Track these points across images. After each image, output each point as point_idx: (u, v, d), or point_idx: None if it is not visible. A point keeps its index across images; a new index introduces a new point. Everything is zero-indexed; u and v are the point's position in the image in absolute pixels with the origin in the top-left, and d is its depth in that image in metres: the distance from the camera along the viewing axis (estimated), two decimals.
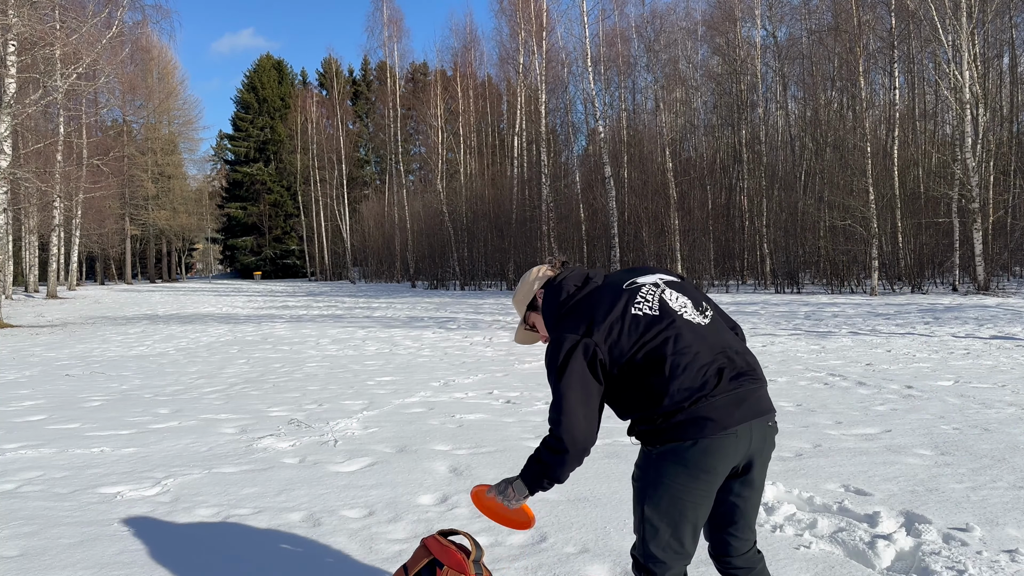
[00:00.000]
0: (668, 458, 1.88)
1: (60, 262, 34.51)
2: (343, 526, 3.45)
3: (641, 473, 1.97)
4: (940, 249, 22.26)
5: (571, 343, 1.91)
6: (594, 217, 27.72)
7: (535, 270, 2.26)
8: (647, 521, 1.94)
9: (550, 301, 2.10)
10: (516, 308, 2.30)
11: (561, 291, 2.08)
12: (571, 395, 1.90)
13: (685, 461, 1.85)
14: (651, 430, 1.90)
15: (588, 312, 1.96)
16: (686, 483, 1.87)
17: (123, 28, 21.44)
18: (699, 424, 1.83)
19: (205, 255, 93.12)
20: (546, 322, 2.11)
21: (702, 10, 34.09)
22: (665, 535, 1.93)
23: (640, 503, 1.97)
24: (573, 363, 1.89)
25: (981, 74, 21.29)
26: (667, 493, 1.89)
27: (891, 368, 7.84)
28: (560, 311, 2.04)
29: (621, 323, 1.91)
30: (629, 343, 1.90)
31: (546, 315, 2.11)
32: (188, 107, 58.72)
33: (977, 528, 3.24)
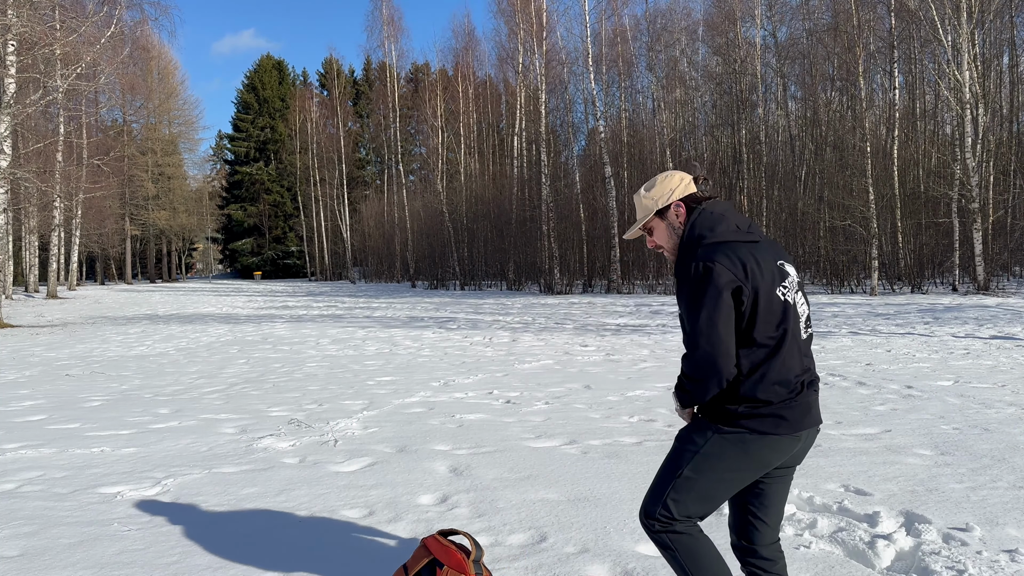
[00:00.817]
0: (735, 443, 1.97)
1: (60, 262, 34.51)
2: (343, 526, 3.45)
3: (699, 442, 2.02)
4: (940, 249, 22.26)
5: (728, 279, 1.91)
6: (594, 217, 27.72)
7: (677, 176, 2.15)
8: (683, 480, 2.03)
9: (706, 224, 2.03)
10: (638, 206, 2.19)
11: (722, 221, 2.03)
12: (719, 327, 1.90)
13: (749, 452, 1.97)
14: (728, 411, 1.97)
15: (750, 261, 1.95)
16: (740, 470, 1.99)
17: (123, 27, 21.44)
18: (776, 422, 1.95)
19: (205, 255, 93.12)
20: (689, 242, 2.04)
21: (702, 10, 34.13)
22: (689, 502, 2.04)
23: (680, 465, 2.04)
24: (723, 297, 1.90)
25: (981, 74, 21.28)
26: (717, 473, 2.00)
27: (891, 368, 7.84)
28: (714, 239, 1.99)
29: (769, 296, 1.95)
30: (765, 317, 1.94)
31: (691, 235, 2.04)
32: (188, 107, 58.78)
33: (977, 528, 3.24)
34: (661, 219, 2.15)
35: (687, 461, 2.03)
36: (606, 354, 9.61)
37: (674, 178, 2.15)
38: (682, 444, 2.07)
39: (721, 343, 1.90)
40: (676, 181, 2.14)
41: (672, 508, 2.04)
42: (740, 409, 1.95)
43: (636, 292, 24.97)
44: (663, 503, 2.05)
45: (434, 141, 38.02)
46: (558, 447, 4.87)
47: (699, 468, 2.01)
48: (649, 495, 2.10)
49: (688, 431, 2.08)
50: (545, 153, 27.07)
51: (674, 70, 31.82)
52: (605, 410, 6.03)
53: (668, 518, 2.05)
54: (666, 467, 2.09)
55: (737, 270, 1.92)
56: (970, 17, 19.38)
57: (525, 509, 3.63)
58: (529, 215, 30.44)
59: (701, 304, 1.91)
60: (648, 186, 2.18)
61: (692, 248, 2.01)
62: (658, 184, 2.16)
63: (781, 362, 1.95)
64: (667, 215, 2.14)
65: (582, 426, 5.46)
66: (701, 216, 2.06)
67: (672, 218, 2.13)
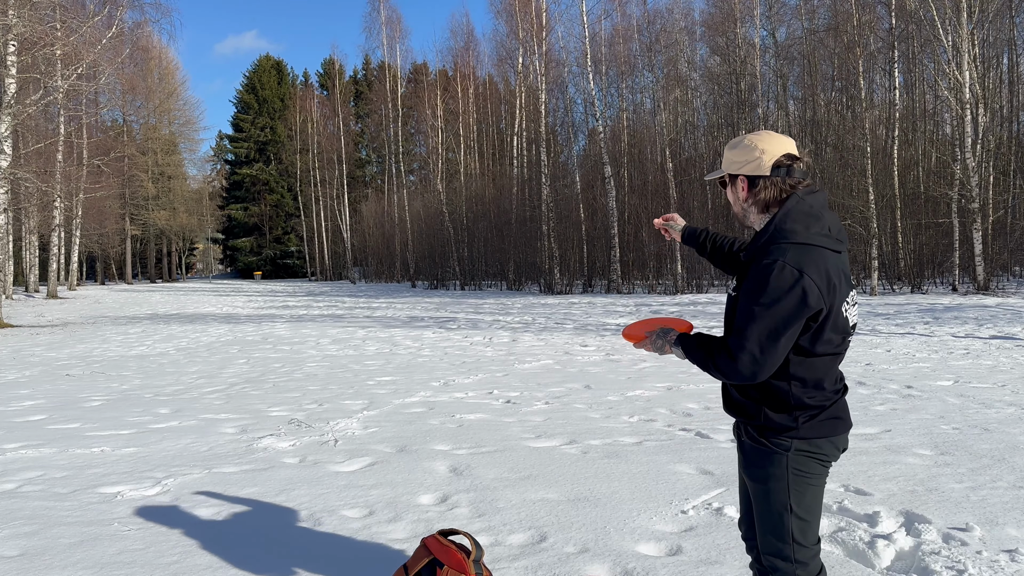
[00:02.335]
0: (812, 453, 1.92)
1: (60, 262, 34.50)
2: (343, 526, 3.45)
3: (781, 470, 1.92)
4: (940, 249, 22.25)
5: (807, 284, 1.79)
6: (594, 217, 27.72)
7: (764, 143, 1.95)
8: (799, 520, 1.93)
9: (802, 216, 1.88)
10: (728, 158, 2.02)
11: (819, 220, 1.89)
12: (776, 333, 1.81)
13: (825, 454, 1.93)
14: (787, 425, 1.91)
15: (834, 275, 1.85)
16: (822, 476, 1.95)
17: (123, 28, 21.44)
18: (834, 424, 1.94)
19: (205, 255, 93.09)
20: (779, 233, 1.87)
21: (701, 10, 34.14)
22: (809, 531, 1.95)
23: (785, 505, 1.93)
24: (793, 301, 1.79)
25: (981, 74, 21.29)
26: (812, 489, 1.93)
27: (891, 368, 7.84)
28: (806, 240, 1.85)
29: (839, 313, 1.88)
30: (830, 333, 1.88)
31: (787, 226, 1.87)
32: (188, 107, 58.78)
33: (977, 528, 3.24)
34: (731, 183, 2.04)
35: (786, 494, 1.92)
36: (606, 354, 9.61)
37: (755, 148, 1.95)
38: (762, 483, 1.96)
39: (774, 361, 1.83)
40: (755, 152, 1.95)
41: (806, 543, 1.94)
42: (799, 417, 1.90)
43: (636, 292, 24.97)
44: (795, 545, 1.93)
45: (434, 141, 38.02)
46: (558, 447, 4.87)
47: (800, 496, 1.92)
48: (768, 545, 1.97)
49: (755, 460, 1.97)
50: (545, 153, 27.06)
51: (674, 70, 31.80)
52: (605, 410, 6.03)
53: (807, 556, 1.95)
54: (766, 510, 1.96)
55: (823, 287, 1.81)
56: (970, 17, 19.38)
57: (525, 509, 3.63)
58: (529, 215, 30.44)
59: (772, 311, 1.80)
60: (735, 143, 2.02)
61: (779, 241, 1.85)
62: (740, 146, 1.99)
63: (833, 372, 1.94)
64: (735, 183, 2.02)
65: (582, 426, 5.46)
66: (799, 206, 1.89)
67: (737, 190, 2.01)
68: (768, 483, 1.94)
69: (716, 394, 6.49)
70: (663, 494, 3.81)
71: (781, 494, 1.92)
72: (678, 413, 5.84)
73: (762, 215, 1.98)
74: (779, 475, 1.92)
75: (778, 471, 1.92)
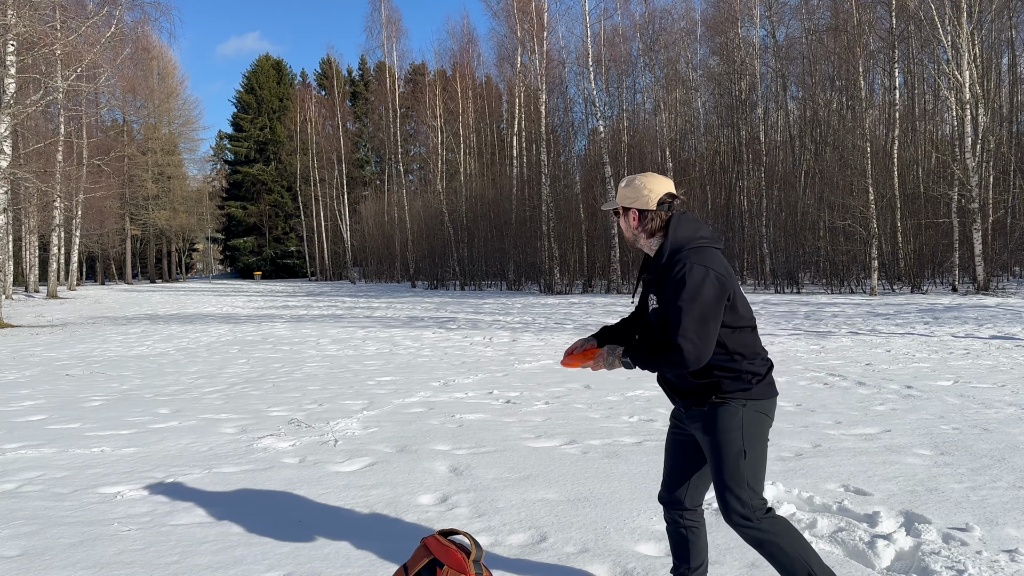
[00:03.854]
0: (760, 409, 2.31)
1: (60, 262, 34.50)
2: (343, 526, 3.46)
3: (736, 421, 2.27)
4: (940, 249, 22.26)
5: (715, 275, 2.21)
6: (594, 217, 27.72)
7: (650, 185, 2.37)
8: (750, 461, 2.27)
9: (688, 229, 2.33)
10: (622, 194, 2.43)
11: (700, 228, 2.35)
12: (705, 318, 2.20)
13: (769, 414, 2.34)
14: (740, 386, 2.29)
15: (723, 262, 2.29)
16: (767, 433, 2.34)
17: (123, 28, 21.43)
18: (772, 387, 2.36)
19: (205, 255, 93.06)
20: (677, 243, 2.30)
21: (701, 10, 34.12)
22: (760, 479, 2.30)
23: (738, 448, 2.26)
24: (710, 290, 2.19)
25: (981, 74, 21.29)
26: (762, 442, 2.31)
27: (891, 368, 7.84)
28: (697, 244, 2.29)
29: (737, 289, 2.31)
30: (742, 305, 2.32)
31: (679, 239, 2.31)
32: (188, 107, 58.77)
33: (977, 528, 3.24)
34: (623, 214, 2.44)
35: (740, 442, 2.25)
36: None
37: (645, 187, 2.38)
38: (722, 433, 2.28)
39: (710, 343, 2.21)
40: (643, 191, 2.37)
41: (757, 490, 2.26)
42: (752, 380, 2.29)
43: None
44: (749, 490, 2.25)
45: (433, 141, 38.02)
46: (558, 447, 4.87)
47: (752, 443, 2.27)
48: (728, 494, 2.27)
49: (713, 418, 2.29)
50: (545, 153, 27.06)
51: (674, 70, 31.82)
52: (605, 410, 6.03)
53: (761, 502, 2.27)
54: (724, 459, 2.27)
55: (725, 274, 2.24)
56: (970, 17, 19.38)
57: (525, 509, 3.63)
58: (529, 215, 30.44)
59: (696, 304, 2.18)
60: (627, 183, 2.42)
61: (680, 250, 2.28)
62: (632, 185, 2.41)
63: (757, 339, 2.35)
64: (627, 215, 2.42)
65: (582, 426, 5.46)
66: (683, 219, 2.35)
67: (630, 220, 2.42)
68: (723, 434, 2.28)
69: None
70: None
71: (737, 443, 2.26)
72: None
73: (650, 239, 2.41)
74: (736, 426, 2.27)
75: (733, 421, 2.27)
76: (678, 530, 2.54)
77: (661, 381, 2.48)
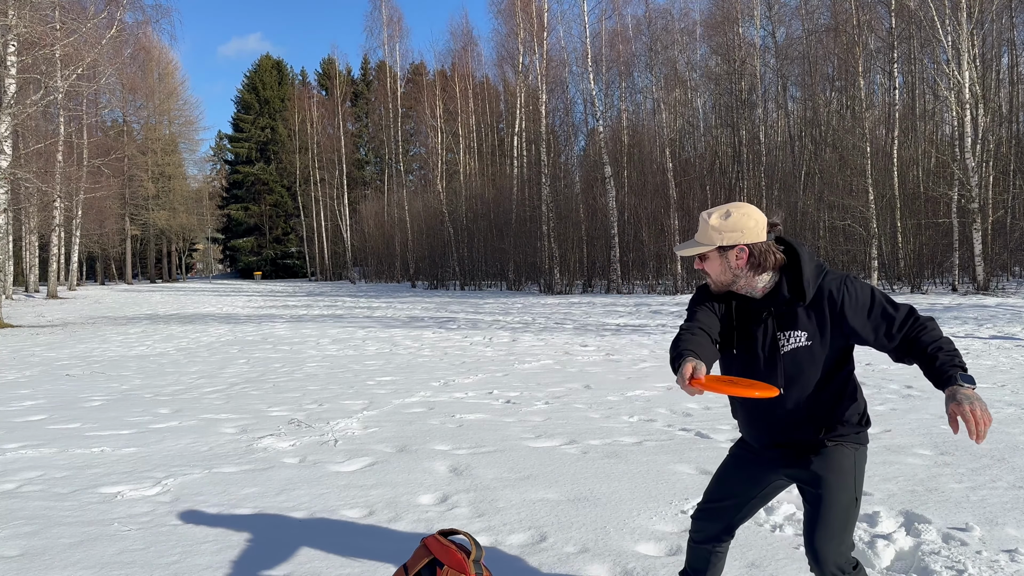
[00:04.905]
0: (866, 456, 2.17)
1: (60, 262, 34.50)
2: (343, 526, 3.46)
3: (855, 468, 2.10)
4: (940, 249, 22.24)
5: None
6: (594, 217, 27.71)
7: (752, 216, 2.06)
8: (858, 512, 2.14)
9: (813, 262, 2.10)
10: (702, 228, 2.09)
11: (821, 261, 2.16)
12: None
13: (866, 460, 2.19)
14: (861, 430, 2.14)
15: None
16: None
17: (124, 28, 21.43)
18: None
19: (205, 255, 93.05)
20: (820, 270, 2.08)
21: (701, 10, 34.11)
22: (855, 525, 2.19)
23: (853, 499, 2.09)
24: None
25: (980, 74, 21.28)
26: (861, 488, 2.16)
27: (891, 368, 7.84)
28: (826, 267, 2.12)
29: None
30: None
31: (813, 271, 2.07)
32: (188, 107, 58.73)
33: (977, 528, 3.24)
34: (719, 255, 2.08)
35: (854, 489, 2.09)
36: (606, 354, 9.61)
37: (749, 218, 2.05)
38: (839, 479, 2.08)
39: None
40: (749, 222, 2.05)
41: (852, 542, 2.13)
42: (863, 422, 2.13)
43: (636, 292, 24.98)
44: (850, 540, 2.11)
45: (433, 141, 38.02)
46: (558, 447, 4.87)
47: (861, 491, 2.14)
48: (828, 544, 2.06)
49: (830, 463, 2.08)
50: (545, 153, 27.06)
51: (673, 70, 31.80)
52: (605, 410, 6.03)
53: (852, 553, 2.13)
54: (836, 507, 2.06)
55: None
56: (970, 17, 19.38)
57: (525, 509, 3.63)
58: (529, 215, 30.43)
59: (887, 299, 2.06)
60: (723, 215, 2.07)
61: (824, 272, 2.08)
62: (732, 218, 2.05)
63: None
64: (728, 254, 2.06)
65: (582, 426, 5.46)
66: (809, 250, 2.14)
67: (732, 259, 2.06)
68: (845, 479, 2.08)
69: (715, 394, 6.48)
70: (663, 494, 3.82)
71: (850, 490, 2.08)
72: (678, 413, 5.84)
73: (756, 276, 2.09)
74: (850, 471, 2.09)
75: (849, 467, 2.09)
76: (706, 551, 2.38)
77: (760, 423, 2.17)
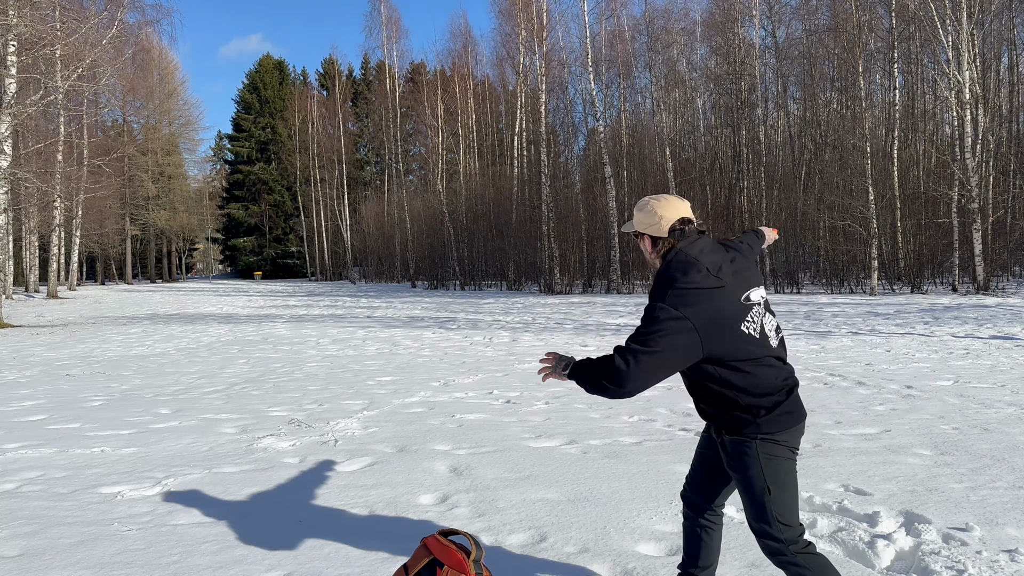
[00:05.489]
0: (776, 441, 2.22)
1: (60, 262, 34.48)
2: (343, 526, 3.46)
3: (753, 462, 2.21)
4: (940, 249, 22.25)
5: (676, 316, 2.10)
6: (594, 217, 27.71)
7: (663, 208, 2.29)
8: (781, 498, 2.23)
9: (678, 268, 2.20)
10: (636, 219, 2.37)
11: (696, 266, 2.20)
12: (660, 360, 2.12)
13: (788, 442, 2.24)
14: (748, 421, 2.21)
15: (706, 304, 2.14)
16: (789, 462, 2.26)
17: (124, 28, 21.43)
18: (790, 416, 2.23)
19: (205, 255, 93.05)
20: (661, 280, 2.21)
21: (701, 10, 34.11)
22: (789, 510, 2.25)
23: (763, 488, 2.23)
24: (676, 338, 2.10)
25: (980, 74, 21.28)
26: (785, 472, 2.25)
27: (891, 368, 7.84)
28: (687, 285, 2.16)
29: (733, 333, 2.16)
30: (731, 349, 2.16)
31: (666, 276, 2.21)
32: (188, 107, 58.71)
33: (977, 528, 3.24)
34: (647, 239, 2.37)
35: (762, 479, 2.20)
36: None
37: (653, 214, 2.31)
38: (743, 472, 2.23)
39: (644, 383, 2.13)
40: (653, 218, 2.31)
41: (790, 523, 2.21)
42: (759, 413, 2.18)
43: (636, 292, 24.98)
44: (780, 525, 2.20)
45: (433, 141, 38.01)
46: (558, 447, 4.87)
47: (774, 479, 2.20)
48: (759, 529, 2.23)
49: (733, 456, 2.24)
50: (545, 153, 27.06)
51: (673, 70, 31.80)
52: (605, 410, 6.03)
53: (794, 535, 2.21)
54: (750, 496, 2.23)
55: (700, 322, 2.10)
56: (970, 17, 19.37)
57: (525, 509, 3.63)
58: (529, 215, 30.43)
59: (657, 342, 2.10)
60: (641, 207, 2.37)
61: (664, 287, 2.17)
62: (645, 209, 2.35)
63: (762, 378, 2.19)
64: (642, 238, 2.38)
65: (582, 426, 5.46)
66: (677, 257, 2.24)
67: (644, 244, 2.38)
68: (749, 471, 2.22)
69: None
70: (663, 494, 3.82)
71: (759, 480, 2.20)
72: (678, 413, 5.84)
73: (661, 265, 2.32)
74: (753, 463, 2.21)
75: (751, 459, 2.21)
76: (694, 528, 2.54)
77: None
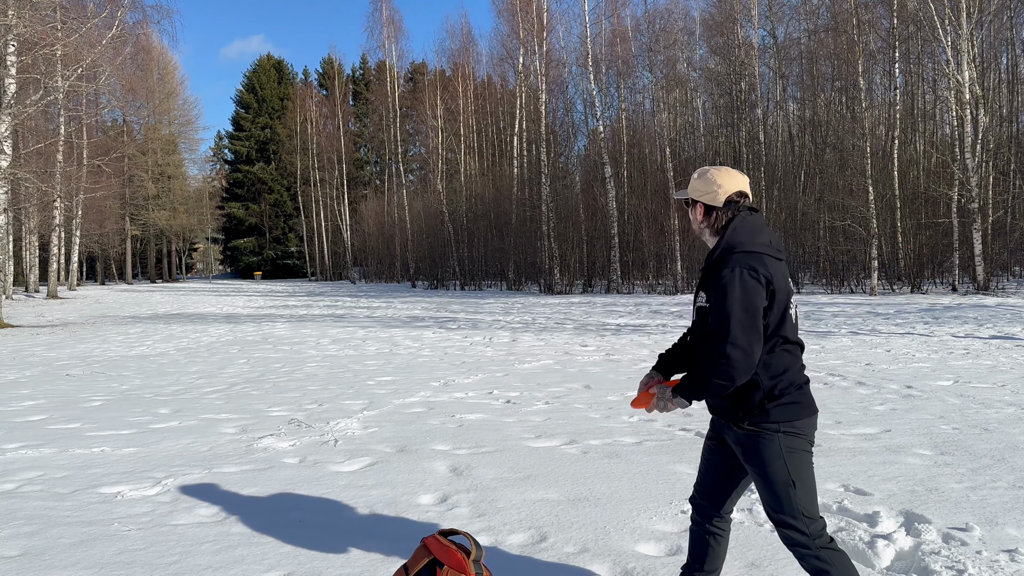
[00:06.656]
0: (796, 432, 2.24)
1: (60, 262, 34.48)
2: (343, 526, 3.46)
3: (777, 454, 2.22)
4: (940, 249, 22.25)
5: (765, 280, 2.15)
6: (594, 217, 27.71)
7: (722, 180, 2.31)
8: (805, 490, 2.24)
9: (746, 232, 2.24)
10: (693, 185, 2.37)
11: (760, 233, 2.25)
12: (754, 325, 2.14)
13: (806, 433, 2.26)
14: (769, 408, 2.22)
15: (779, 271, 2.21)
16: (809, 453, 2.28)
17: (124, 28, 21.41)
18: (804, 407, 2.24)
19: (205, 255, 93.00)
20: (728, 245, 2.23)
21: (701, 10, 34.11)
22: (814, 497, 2.28)
23: (788, 482, 2.24)
24: (757, 296, 2.13)
25: (980, 74, 21.28)
26: (806, 464, 2.26)
27: (891, 368, 7.84)
28: (752, 248, 2.20)
29: (785, 309, 2.21)
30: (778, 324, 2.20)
31: (733, 239, 2.23)
32: (188, 107, 58.71)
33: (977, 528, 3.24)
34: (692, 206, 2.40)
35: (786, 471, 2.19)
36: (606, 354, 9.61)
37: (713, 183, 2.32)
38: (765, 465, 2.21)
39: (758, 348, 2.13)
40: (712, 186, 2.32)
41: (813, 516, 2.21)
42: (784, 403, 2.19)
43: (636, 292, 24.98)
44: (805, 519, 2.20)
45: (433, 141, 38.01)
46: (558, 447, 4.87)
47: (798, 471, 2.20)
48: (784, 521, 2.22)
49: (754, 450, 2.23)
50: (545, 153, 27.05)
51: (673, 70, 31.79)
52: (605, 410, 6.03)
53: (819, 529, 2.21)
54: (774, 491, 2.21)
55: (775, 282, 2.16)
56: (970, 17, 19.38)
57: (525, 509, 3.63)
58: (529, 215, 30.43)
59: (743, 310, 2.12)
60: (701, 174, 2.37)
61: (730, 252, 2.21)
62: (703, 177, 2.35)
63: (789, 364, 2.22)
64: (695, 207, 2.38)
65: (582, 426, 5.46)
66: (743, 224, 2.26)
67: (696, 212, 2.38)
68: (772, 465, 2.21)
69: None
70: (663, 494, 3.82)
71: (783, 473, 2.20)
72: (678, 413, 5.84)
73: (714, 236, 2.34)
74: (776, 455, 2.20)
75: (775, 452, 2.20)
76: (703, 534, 2.50)
77: None
